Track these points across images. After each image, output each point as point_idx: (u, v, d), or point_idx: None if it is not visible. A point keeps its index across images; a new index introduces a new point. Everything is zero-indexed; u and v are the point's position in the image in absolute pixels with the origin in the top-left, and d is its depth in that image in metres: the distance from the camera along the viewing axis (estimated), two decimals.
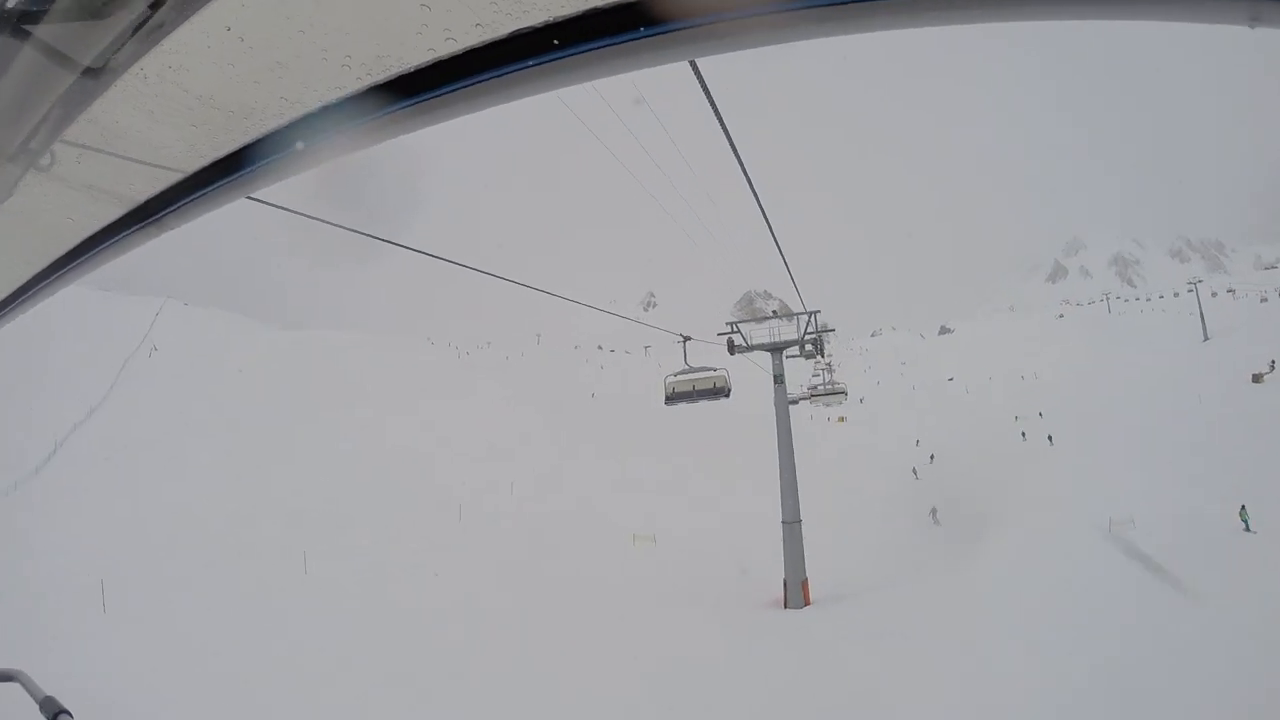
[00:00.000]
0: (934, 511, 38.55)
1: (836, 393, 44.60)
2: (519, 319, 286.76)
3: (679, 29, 1.47)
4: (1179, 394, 78.07)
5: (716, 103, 6.13)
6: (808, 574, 30.49)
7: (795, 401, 39.98)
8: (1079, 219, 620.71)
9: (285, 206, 6.08)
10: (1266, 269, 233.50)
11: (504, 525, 46.73)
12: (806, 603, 29.58)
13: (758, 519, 37.82)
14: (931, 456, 69.17)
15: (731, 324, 32.48)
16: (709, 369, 20.42)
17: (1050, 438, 66.09)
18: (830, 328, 33.76)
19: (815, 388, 50.00)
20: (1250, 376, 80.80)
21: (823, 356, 36.94)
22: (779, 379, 32.25)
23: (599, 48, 1.52)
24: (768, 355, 32.69)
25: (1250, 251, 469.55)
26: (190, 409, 73.29)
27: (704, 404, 22.85)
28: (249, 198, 2.45)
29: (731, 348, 31.71)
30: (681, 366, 19.93)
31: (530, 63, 1.56)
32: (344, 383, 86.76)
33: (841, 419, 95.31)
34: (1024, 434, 72.74)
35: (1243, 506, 30.68)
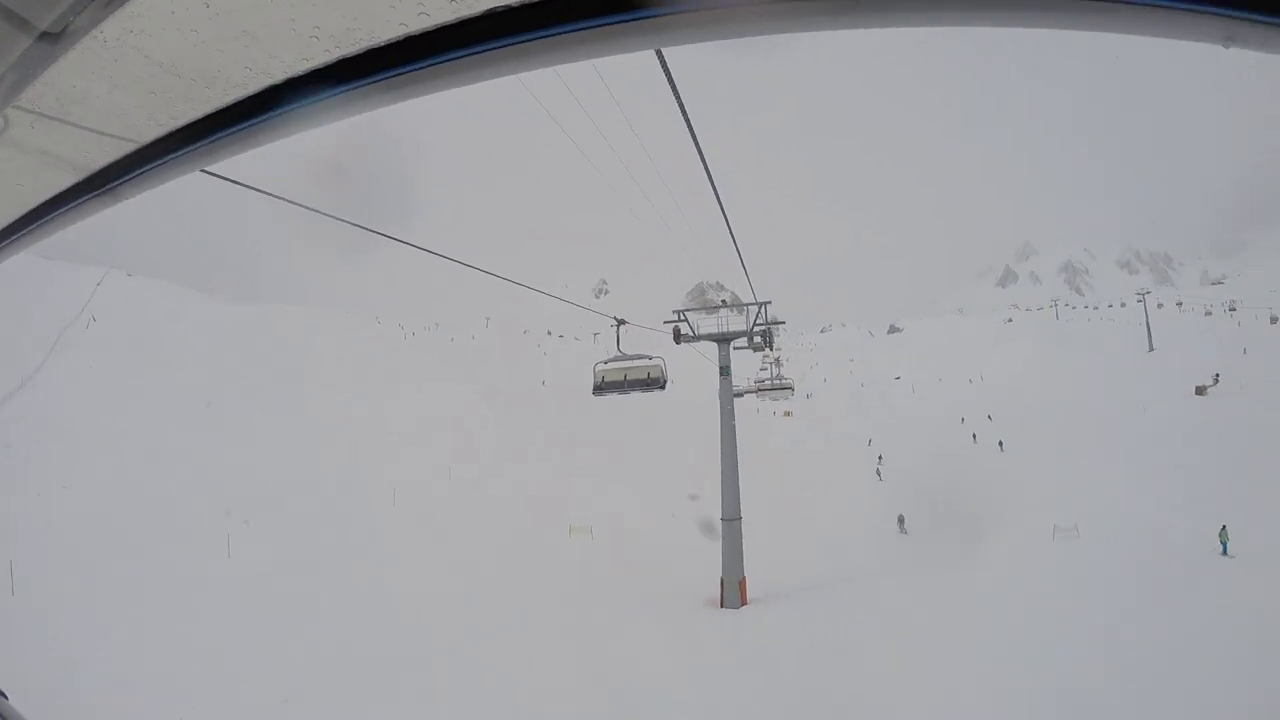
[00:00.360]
0: (901, 520, 37.38)
1: (783, 388, 43.59)
2: (469, 301, 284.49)
3: (653, 16, 1.48)
4: (1124, 403, 79.21)
5: (681, 93, 6.10)
6: (747, 573, 29.50)
7: (740, 394, 39.67)
8: (1032, 225, 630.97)
9: (240, 181, 5.96)
10: (1213, 284, 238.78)
11: (440, 511, 44.91)
12: (743, 603, 28.51)
13: (701, 512, 36.80)
14: (880, 458, 68.43)
15: (679, 312, 31.12)
16: (643, 356, 18.08)
17: (1000, 443, 66.59)
18: (780, 320, 32.56)
19: (762, 381, 49.35)
20: (1193, 389, 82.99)
21: (771, 350, 35.83)
22: (725, 371, 30.95)
23: (573, 30, 1.51)
24: (715, 346, 31.48)
25: (1198, 266, 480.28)
26: (124, 384, 70.53)
27: (656, 394, 21.95)
28: (204, 170, 2.42)
29: (678, 336, 30.36)
30: (614, 353, 18.50)
31: (504, 42, 1.55)
32: (286, 360, 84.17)
33: (788, 413, 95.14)
34: (974, 435, 74.04)
35: (1223, 527, 29.73)
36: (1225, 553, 29.42)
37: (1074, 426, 67.56)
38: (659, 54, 4.99)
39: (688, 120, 6.83)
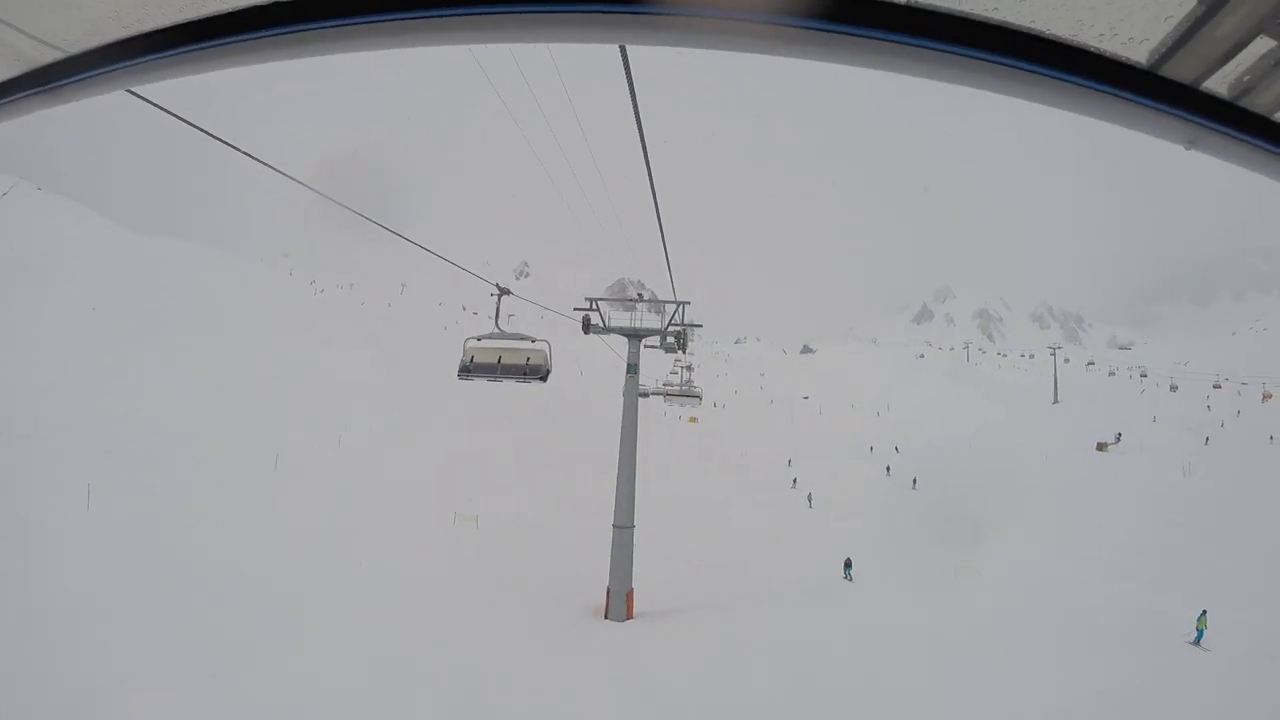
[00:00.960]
0: (848, 565, 35.79)
1: (692, 395, 41.44)
2: (390, 265, 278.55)
3: (621, 12, 1.52)
4: (1029, 452, 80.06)
5: (637, 90, 5.91)
6: (640, 584, 27.23)
7: (646, 395, 38.66)
8: (952, 269, 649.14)
9: (170, 110, 5.94)
10: (1120, 348, 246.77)
11: (322, 483, 41.51)
12: (629, 616, 26.10)
13: (598, 512, 33.97)
14: (795, 480, 67.51)
15: (591, 300, 28.54)
16: (525, 338, 14.22)
17: (914, 480, 66.00)
18: (698, 324, 30.13)
19: (671, 385, 48.19)
20: (1095, 445, 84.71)
21: (684, 352, 33.33)
22: (633, 369, 28.25)
23: (531, 12, 1.54)
24: (625, 341, 28.87)
25: (1107, 330, 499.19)
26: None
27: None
28: (130, 91, 2.50)
29: (587, 326, 27.77)
30: (490, 329, 15.15)
31: (462, 11, 1.55)
32: (183, 300, 79.51)
33: (693, 419, 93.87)
34: (888, 469, 74.42)
35: (1203, 612, 27.77)
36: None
37: (980, 471, 67.57)
38: (622, 50, 4.97)
39: (638, 117, 6.65)
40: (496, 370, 13.95)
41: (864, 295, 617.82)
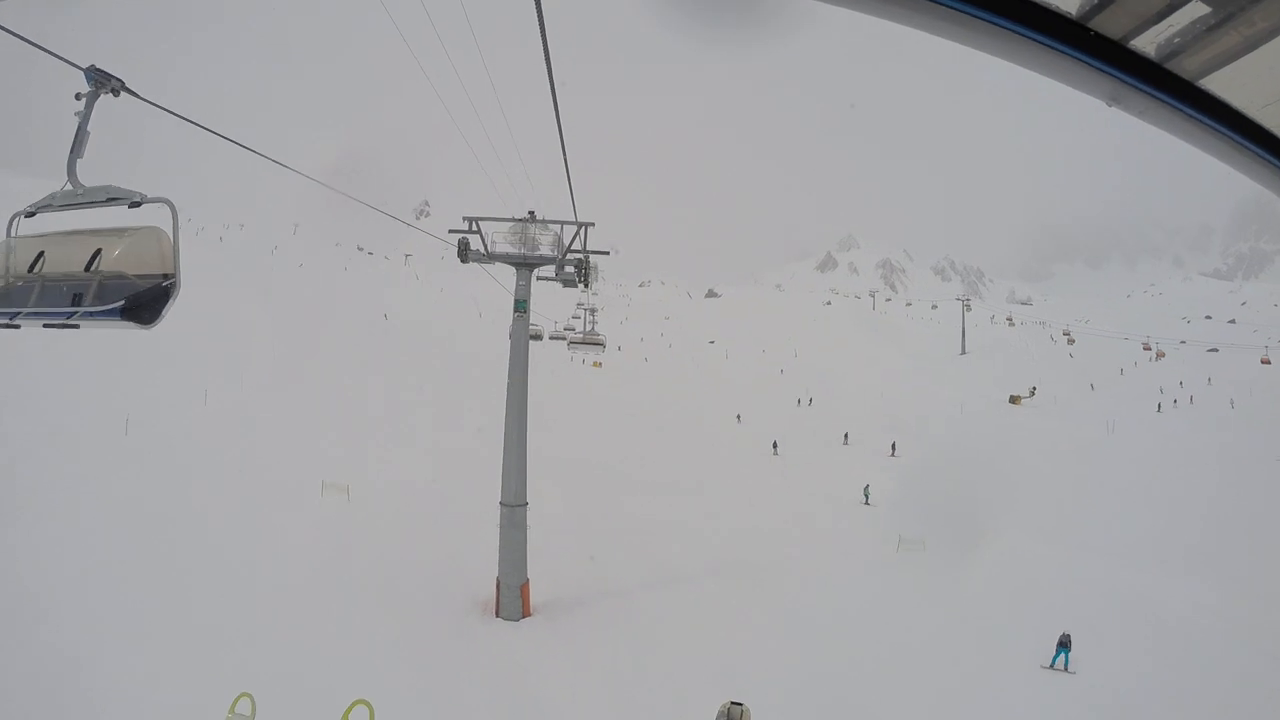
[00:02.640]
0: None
1: (595, 343, 37.62)
2: (283, 209, 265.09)
3: None
4: (943, 403, 77.99)
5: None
6: (541, 571, 22.49)
7: (540, 338, 35.28)
8: (856, 218, 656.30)
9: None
10: (1020, 304, 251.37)
11: (177, 446, 35.85)
12: (525, 613, 21.39)
13: (496, 479, 28.47)
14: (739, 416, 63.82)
15: (470, 220, 22.58)
16: (123, 197, 4.89)
17: (846, 436, 62.33)
18: (604, 250, 24.77)
19: (572, 330, 45.43)
20: (1008, 397, 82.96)
21: (587, 288, 27.02)
22: (521, 306, 22.59)
23: None
24: (513, 273, 23.49)
25: (1006, 284, 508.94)
26: None
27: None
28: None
29: (464, 252, 22.58)
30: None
31: None
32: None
33: (597, 364, 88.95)
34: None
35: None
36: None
37: (896, 421, 64.94)
38: None
39: (541, 23, 5.90)
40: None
41: (768, 242, 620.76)
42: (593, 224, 21.23)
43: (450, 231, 22.13)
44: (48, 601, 18.18)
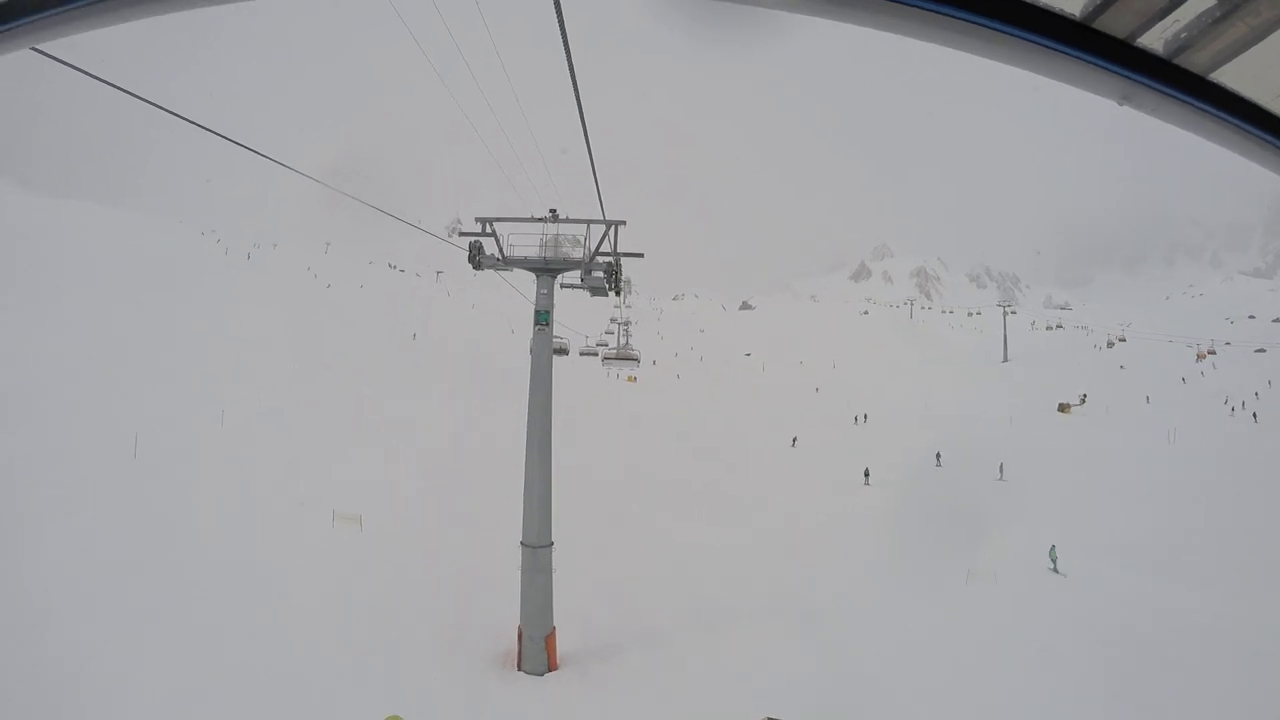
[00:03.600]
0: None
1: (629, 358, 37.92)
2: (318, 226, 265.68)
3: None
4: (991, 414, 75.07)
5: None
6: (568, 615, 19.85)
7: (563, 351, 34.60)
8: (889, 228, 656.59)
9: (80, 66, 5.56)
10: (1056, 309, 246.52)
11: (185, 470, 33.39)
12: (552, 666, 18.75)
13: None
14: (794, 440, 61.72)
15: (484, 221, 19.84)
16: None
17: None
18: (638, 253, 21.44)
19: (605, 345, 45.01)
20: (1056, 405, 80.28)
21: (619, 293, 22.99)
22: (544, 317, 20.05)
23: None
24: (534, 281, 20.38)
25: (1042, 290, 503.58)
26: None
27: None
28: (35, 49, 2.38)
29: (476, 256, 19.72)
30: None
31: None
32: (72, 264, 70.47)
33: (632, 378, 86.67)
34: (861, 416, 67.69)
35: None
36: None
37: (946, 437, 61.66)
38: None
39: (562, 27, 5.56)
40: None
41: (801, 253, 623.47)
42: (623, 222, 18.65)
43: (461, 234, 19.53)
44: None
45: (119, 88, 6.63)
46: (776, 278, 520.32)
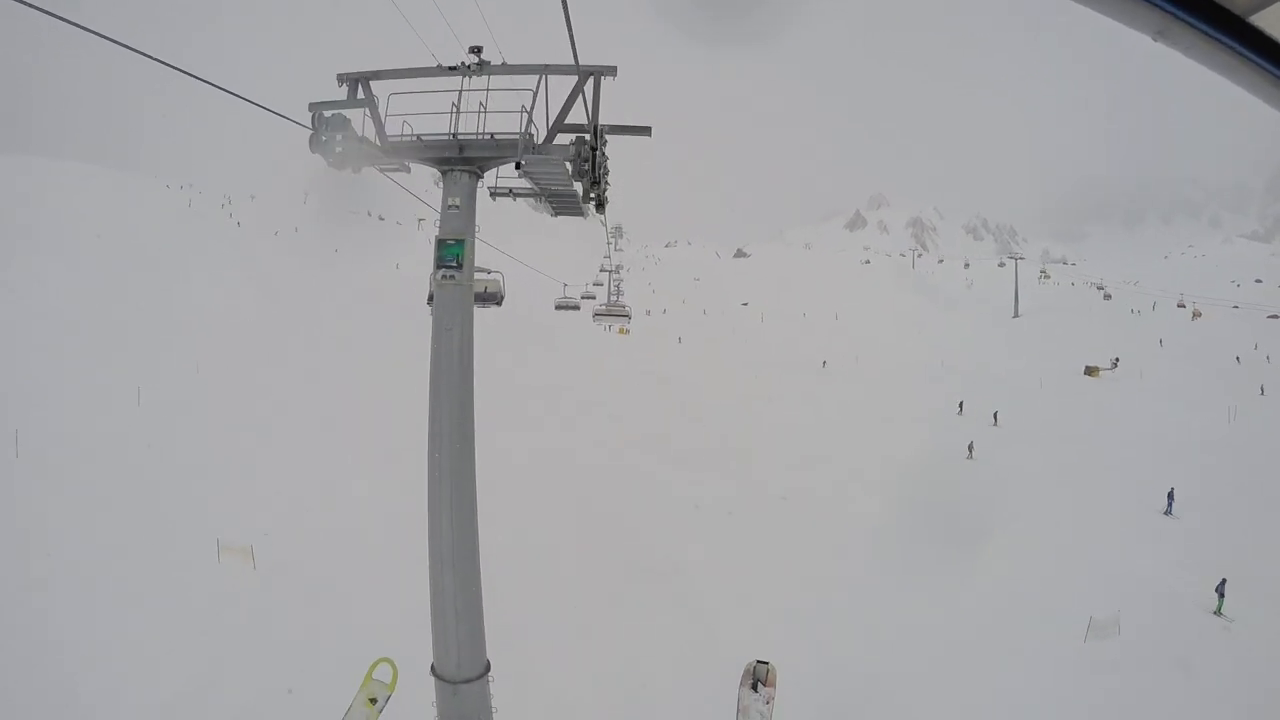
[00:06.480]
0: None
1: (619, 314, 37.64)
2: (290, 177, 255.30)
3: None
4: (1017, 376, 69.17)
5: None
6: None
7: (574, 307, 39.82)
8: (885, 177, 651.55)
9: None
10: (1055, 263, 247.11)
11: (76, 473, 27.48)
12: None
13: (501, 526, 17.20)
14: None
15: (351, 79, 10.48)
16: None
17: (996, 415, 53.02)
18: (646, 128, 11.53)
19: (593, 297, 44.42)
20: (1083, 368, 74.08)
21: (601, 208, 13.11)
22: (453, 253, 8.51)
23: None
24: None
25: (1039, 244, 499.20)
26: None
27: None
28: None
29: (318, 145, 10.41)
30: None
31: None
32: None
33: (624, 330, 79.91)
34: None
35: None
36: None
37: (968, 395, 55.01)
38: None
39: None
40: None
41: (794, 201, 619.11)
42: (612, 69, 9.01)
43: (311, 106, 10.59)
44: None
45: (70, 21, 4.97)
46: (770, 226, 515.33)
